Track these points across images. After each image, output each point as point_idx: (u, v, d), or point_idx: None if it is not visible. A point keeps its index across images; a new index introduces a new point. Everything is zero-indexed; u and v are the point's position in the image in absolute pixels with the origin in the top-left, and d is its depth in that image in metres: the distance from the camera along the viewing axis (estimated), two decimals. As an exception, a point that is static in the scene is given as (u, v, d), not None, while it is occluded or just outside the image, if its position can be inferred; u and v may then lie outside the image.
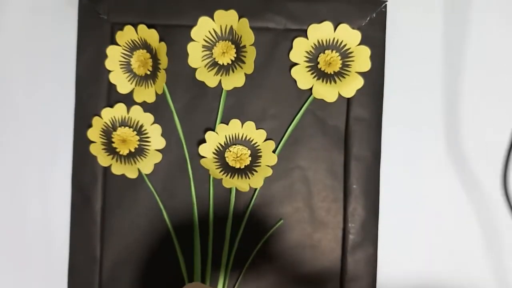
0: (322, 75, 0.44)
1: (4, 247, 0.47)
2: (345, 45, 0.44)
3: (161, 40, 0.44)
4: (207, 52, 0.45)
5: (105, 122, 0.45)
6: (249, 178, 0.45)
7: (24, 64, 0.47)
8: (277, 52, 0.45)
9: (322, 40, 0.44)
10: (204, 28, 0.44)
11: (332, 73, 0.44)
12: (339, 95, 0.44)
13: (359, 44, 0.44)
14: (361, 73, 0.44)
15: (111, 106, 0.45)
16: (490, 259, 0.46)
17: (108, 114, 0.45)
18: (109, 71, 0.45)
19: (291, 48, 0.44)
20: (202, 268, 0.45)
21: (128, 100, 0.45)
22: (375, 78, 0.45)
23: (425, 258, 0.46)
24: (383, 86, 0.45)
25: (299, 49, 0.44)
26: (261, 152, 0.45)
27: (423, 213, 0.46)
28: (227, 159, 0.45)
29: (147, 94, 0.45)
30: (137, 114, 0.45)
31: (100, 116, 0.45)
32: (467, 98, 0.46)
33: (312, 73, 0.44)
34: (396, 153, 0.46)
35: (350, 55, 0.44)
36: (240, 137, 0.45)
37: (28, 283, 0.46)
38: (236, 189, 0.45)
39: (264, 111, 0.45)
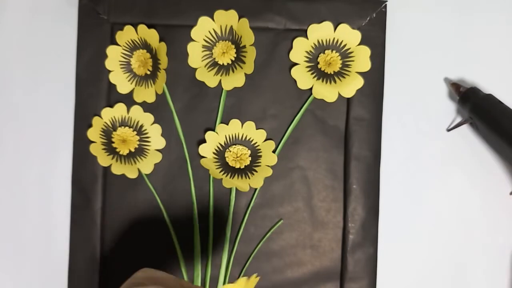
0: (322, 75, 0.44)
1: (4, 247, 0.47)
2: (345, 45, 0.44)
3: (161, 40, 0.44)
4: (207, 52, 0.45)
5: (105, 122, 0.45)
6: (249, 178, 0.45)
7: (24, 64, 0.47)
8: (277, 52, 0.45)
9: (322, 40, 0.44)
10: (204, 28, 0.44)
11: (332, 73, 0.44)
12: (339, 95, 0.44)
13: (359, 44, 0.44)
14: (361, 73, 0.44)
15: (111, 106, 0.45)
16: (490, 259, 0.46)
17: (108, 114, 0.45)
18: (109, 71, 0.45)
19: (291, 48, 0.44)
20: (202, 268, 0.45)
21: (128, 100, 0.45)
22: (375, 78, 0.45)
23: (425, 258, 0.46)
24: (383, 86, 0.45)
25: (299, 49, 0.44)
26: (261, 152, 0.45)
27: (423, 213, 0.46)
28: (227, 159, 0.45)
29: (147, 94, 0.45)
30: (137, 114, 0.45)
31: (100, 116, 0.45)
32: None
33: (312, 73, 0.44)
34: (396, 153, 0.46)
35: (350, 55, 0.44)
36: (240, 137, 0.45)
37: (28, 283, 0.46)
38: (236, 189, 0.45)
39: (264, 111, 0.45)
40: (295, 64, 0.44)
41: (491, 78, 0.46)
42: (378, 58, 0.45)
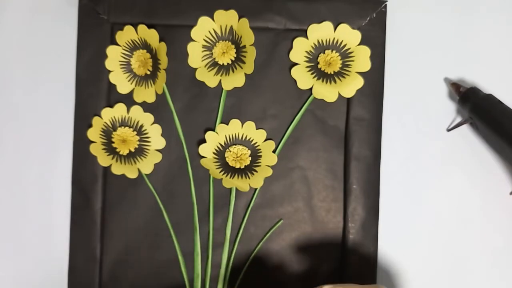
0: (322, 75, 0.44)
1: (4, 247, 0.47)
2: (345, 45, 0.44)
3: (161, 40, 0.44)
4: (207, 52, 0.45)
5: (105, 122, 0.45)
6: (249, 178, 0.45)
7: (24, 64, 0.47)
8: (277, 52, 0.45)
9: (322, 40, 0.44)
10: (204, 28, 0.44)
11: (332, 73, 0.44)
12: (339, 95, 0.44)
13: (359, 44, 0.44)
14: (361, 73, 0.44)
15: (111, 106, 0.45)
16: (490, 259, 0.46)
17: (108, 114, 0.45)
18: (109, 71, 0.45)
19: (291, 48, 0.44)
20: (202, 268, 0.45)
21: (128, 100, 0.45)
22: (375, 78, 0.45)
23: (425, 258, 0.46)
24: (383, 86, 0.45)
25: (299, 49, 0.44)
26: (261, 152, 0.45)
27: (423, 213, 0.46)
28: (227, 159, 0.45)
29: (147, 94, 0.45)
30: (137, 114, 0.45)
31: (100, 116, 0.45)
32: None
33: (312, 73, 0.44)
34: (396, 153, 0.46)
35: (350, 55, 0.44)
36: (240, 137, 0.45)
37: (28, 283, 0.46)
38: (236, 189, 0.45)
39: (264, 111, 0.45)
40: (295, 64, 0.44)
41: (491, 78, 0.46)
42: (378, 58, 0.45)
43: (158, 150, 0.45)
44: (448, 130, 0.46)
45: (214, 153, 0.45)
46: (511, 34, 0.46)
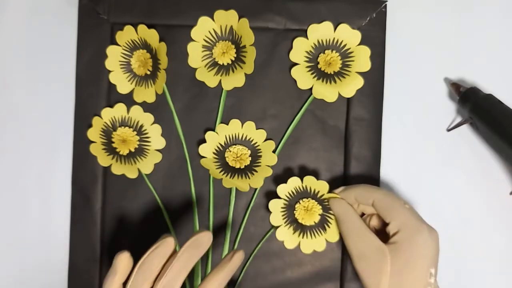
0: (322, 75, 0.44)
1: (4, 247, 0.47)
2: (345, 45, 0.44)
3: (161, 40, 0.44)
4: (207, 52, 0.45)
5: (105, 122, 0.45)
6: (249, 178, 0.45)
7: (24, 64, 0.47)
8: (277, 52, 0.45)
9: (322, 40, 0.44)
10: (204, 28, 0.44)
11: (332, 73, 0.44)
12: (339, 95, 0.44)
13: (359, 44, 0.44)
14: (361, 73, 0.44)
15: (111, 106, 0.45)
16: (490, 259, 0.46)
17: (108, 114, 0.45)
18: (109, 71, 0.45)
19: (291, 48, 0.44)
20: (202, 268, 0.45)
21: (128, 100, 0.45)
22: (375, 78, 0.45)
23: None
24: (383, 86, 0.45)
25: (299, 49, 0.44)
26: (261, 152, 0.45)
27: (423, 213, 0.46)
28: (227, 159, 0.45)
29: (147, 94, 0.45)
30: (137, 114, 0.45)
31: (100, 116, 0.45)
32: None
33: (312, 73, 0.44)
34: (396, 153, 0.46)
35: (350, 55, 0.44)
36: (240, 137, 0.45)
37: (28, 283, 0.46)
38: (236, 189, 0.45)
39: (264, 111, 0.45)
40: (295, 64, 0.44)
41: (491, 78, 0.46)
42: (378, 58, 0.45)
43: (158, 150, 0.45)
44: (448, 130, 0.46)
45: (214, 153, 0.45)
46: (511, 34, 0.46)
